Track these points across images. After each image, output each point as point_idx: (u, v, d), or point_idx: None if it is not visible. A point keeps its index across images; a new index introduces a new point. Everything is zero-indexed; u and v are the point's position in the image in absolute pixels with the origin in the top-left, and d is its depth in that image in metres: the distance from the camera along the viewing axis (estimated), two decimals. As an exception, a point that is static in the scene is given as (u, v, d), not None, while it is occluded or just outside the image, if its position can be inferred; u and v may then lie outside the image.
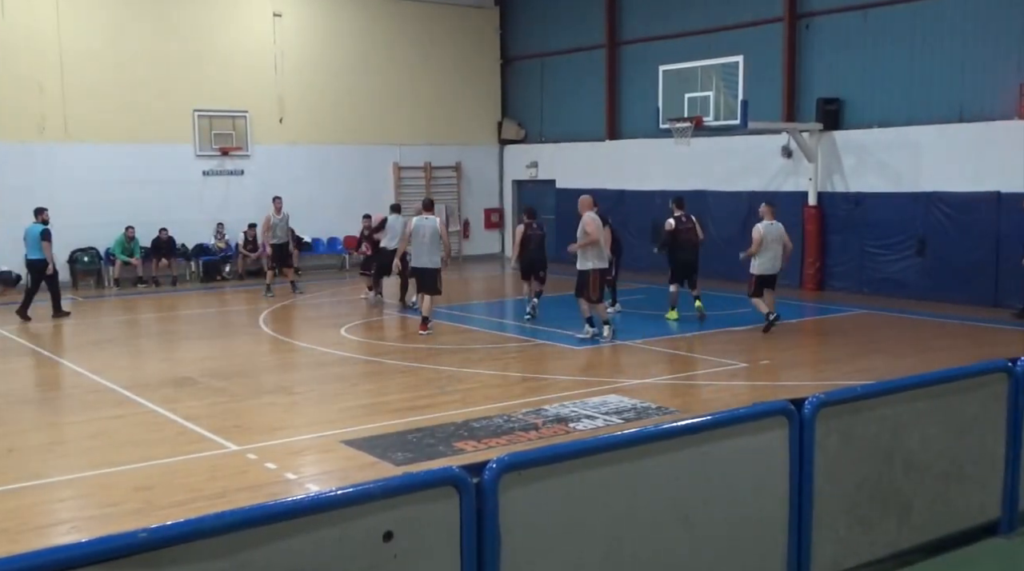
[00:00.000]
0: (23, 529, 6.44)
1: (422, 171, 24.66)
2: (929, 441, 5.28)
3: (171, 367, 12.07)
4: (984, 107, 16.15)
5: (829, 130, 18.18)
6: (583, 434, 8.37)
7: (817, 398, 4.71)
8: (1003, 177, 15.61)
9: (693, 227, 14.73)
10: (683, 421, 4.50)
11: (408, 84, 24.14)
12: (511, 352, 12.56)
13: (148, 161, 20.65)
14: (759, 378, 10.99)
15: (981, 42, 16.14)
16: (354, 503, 3.33)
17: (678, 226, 14.55)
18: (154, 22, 20.75)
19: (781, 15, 19.06)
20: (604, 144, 23.07)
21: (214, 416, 9.33)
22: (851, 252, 18.00)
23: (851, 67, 18.09)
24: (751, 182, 19.53)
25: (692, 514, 4.30)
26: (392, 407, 9.64)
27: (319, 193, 22.91)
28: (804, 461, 4.65)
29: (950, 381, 5.48)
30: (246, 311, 17.20)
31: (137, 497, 7.02)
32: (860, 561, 5.01)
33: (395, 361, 11.95)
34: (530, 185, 25.38)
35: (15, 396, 10.34)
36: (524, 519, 3.71)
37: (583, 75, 23.67)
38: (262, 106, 22.14)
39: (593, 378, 10.83)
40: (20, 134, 19.48)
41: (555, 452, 3.99)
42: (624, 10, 22.67)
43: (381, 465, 7.62)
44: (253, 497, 6.72)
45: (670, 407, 9.49)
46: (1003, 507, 5.70)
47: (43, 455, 8.29)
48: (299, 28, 22.63)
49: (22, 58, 19.35)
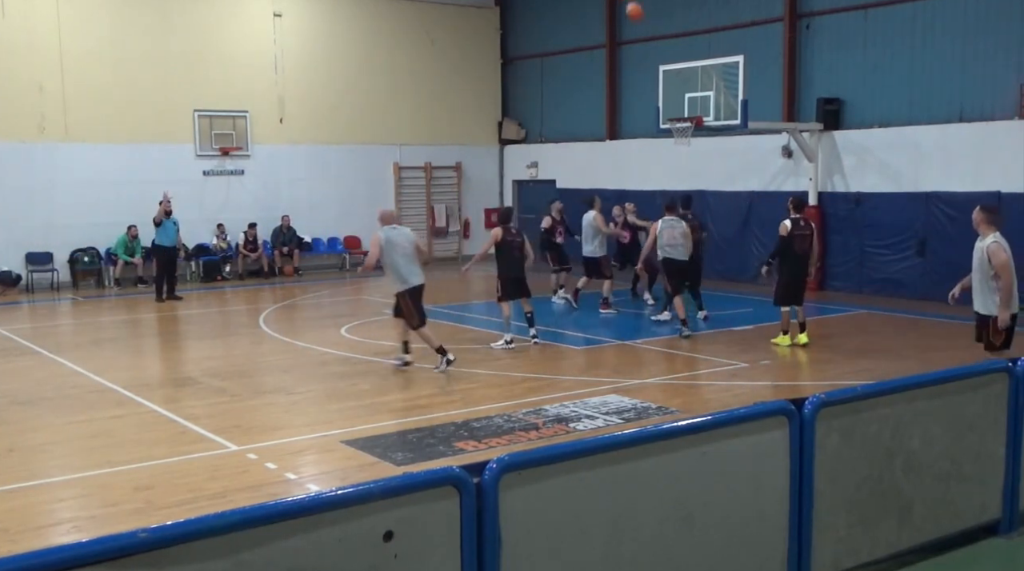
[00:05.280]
0: (23, 529, 6.44)
1: (422, 171, 24.66)
2: (929, 441, 5.28)
3: (171, 367, 12.08)
4: (984, 107, 16.14)
5: (829, 130, 18.18)
6: (583, 434, 8.37)
7: (817, 398, 4.71)
8: (1003, 177, 15.60)
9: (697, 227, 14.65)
10: (683, 421, 4.50)
11: (408, 84, 24.14)
12: (511, 352, 12.55)
13: (148, 161, 20.63)
14: (759, 378, 10.98)
15: (981, 42, 16.13)
16: (354, 503, 3.33)
17: None
18: (154, 22, 20.75)
19: (781, 15, 19.05)
20: (604, 144, 23.07)
21: (214, 416, 9.33)
22: (851, 252, 17.99)
23: (851, 67, 18.09)
24: (751, 182, 19.53)
25: (692, 514, 4.30)
26: (392, 407, 9.64)
27: (319, 193, 22.93)
28: (804, 461, 4.65)
29: (950, 381, 5.48)
30: (246, 311, 17.20)
31: (137, 497, 7.02)
32: (860, 561, 5.02)
33: (395, 361, 11.93)
34: (530, 185, 25.39)
35: (15, 396, 10.34)
36: (524, 519, 3.71)
37: (583, 75, 23.67)
38: (262, 106, 22.14)
39: (593, 378, 10.82)
40: (20, 134, 19.48)
41: (555, 452, 3.99)
42: (624, 10, 22.64)
43: (381, 465, 7.62)
44: (253, 497, 6.73)
45: (670, 407, 9.49)
46: (1003, 507, 5.71)
47: (43, 455, 8.29)
48: (299, 28, 22.63)
49: (22, 58, 19.35)
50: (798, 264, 12.43)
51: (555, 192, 23.20)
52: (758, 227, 18.94)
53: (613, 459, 4.03)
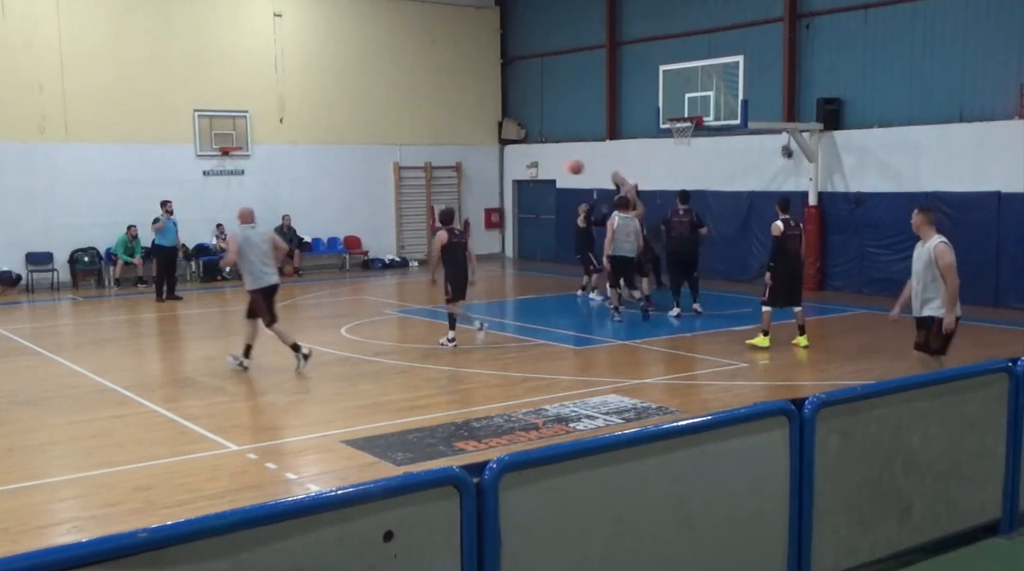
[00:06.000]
0: (23, 529, 6.44)
1: (422, 171, 24.66)
2: (929, 441, 5.27)
3: (171, 367, 12.07)
4: (984, 107, 16.14)
5: (829, 130, 18.17)
6: (583, 434, 8.37)
7: (817, 398, 4.71)
8: (1003, 177, 15.60)
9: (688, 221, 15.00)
10: (683, 421, 4.50)
11: (408, 84, 24.13)
12: (511, 352, 12.55)
13: (148, 161, 20.64)
14: (759, 378, 10.99)
15: (981, 42, 16.13)
16: (354, 503, 3.33)
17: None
18: (154, 22, 20.74)
19: (781, 15, 19.05)
20: (604, 144, 23.06)
21: (214, 416, 9.33)
22: (851, 252, 17.99)
23: (851, 67, 18.08)
24: (751, 182, 19.53)
25: (692, 514, 4.30)
26: (392, 407, 9.64)
27: (319, 193, 22.93)
28: (804, 461, 4.65)
29: (950, 381, 5.48)
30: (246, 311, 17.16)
31: (137, 497, 7.02)
32: (860, 561, 5.01)
33: (395, 361, 11.95)
34: (530, 185, 25.38)
35: (15, 396, 10.33)
36: (524, 519, 3.71)
37: (583, 75, 23.67)
38: (262, 106, 22.14)
39: (593, 378, 10.82)
40: (20, 134, 19.48)
41: (555, 452, 3.99)
42: (624, 10, 22.66)
43: (381, 465, 7.62)
44: (253, 497, 6.73)
45: (670, 407, 9.49)
46: (1003, 507, 5.70)
47: (43, 455, 8.29)
48: (299, 28, 22.63)
49: (22, 58, 19.35)
50: (793, 264, 12.39)
51: (555, 192, 23.26)
52: (758, 227, 18.92)
53: (613, 459, 4.03)
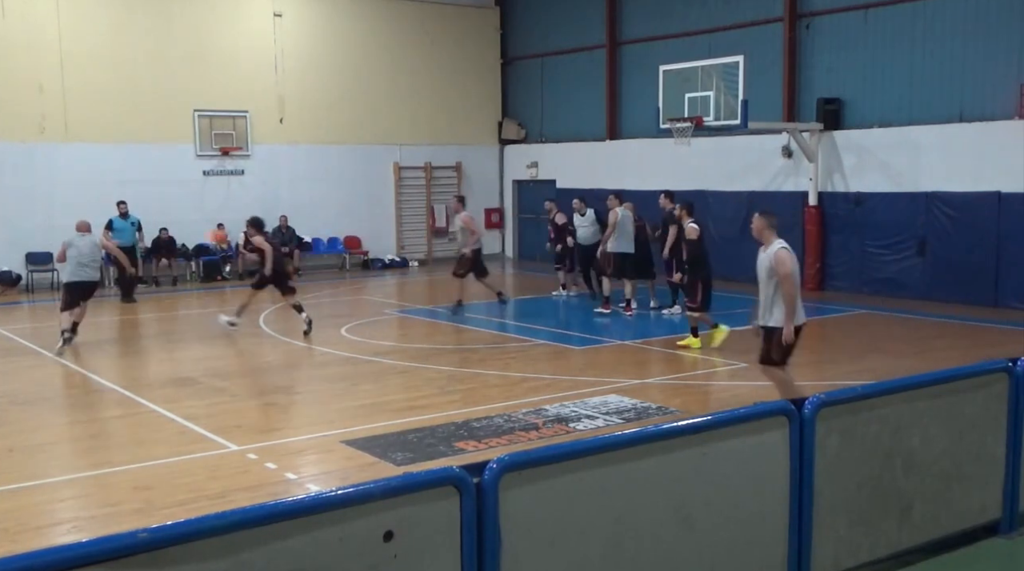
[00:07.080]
0: (23, 529, 6.44)
1: (422, 171, 24.66)
2: (929, 441, 5.28)
3: (171, 367, 12.07)
4: (984, 107, 16.14)
5: (829, 130, 18.18)
6: (583, 434, 8.37)
7: (817, 398, 4.72)
8: (1003, 177, 15.60)
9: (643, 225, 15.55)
10: (683, 421, 4.50)
11: (408, 84, 24.13)
12: (511, 352, 12.55)
13: (148, 161, 20.64)
14: (759, 378, 10.96)
15: (981, 42, 16.13)
16: (354, 503, 3.33)
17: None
18: (154, 22, 20.74)
19: (781, 15, 19.05)
20: (604, 144, 23.08)
21: (214, 416, 9.32)
22: (851, 252, 17.99)
23: (851, 67, 18.09)
24: (751, 182, 19.53)
25: (692, 514, 4.30)
26: (392, 407, 9.64)
27: (319, 193, 22.92)
28: (804, 461, 4.65)
29: (950, 381, 5.48)
30: (246, 311, 17.15)
31: (137, 497, 7.02)
32: (860, 561, 5.01)
33: (395, 361, 11.95)
34: (530, 185, 25.39)
35: (15, 396, 10.34)
36: (524, 519, 3.71)
37: (583, 75, 23.67)
38: (262, 106, 22.14)
39: (593, 378, 10.82)
40: (20, 134, 19.48)
41: (555, 452, 3.99)
42: (624, 10, 22.67)
43: (381, 465, 7.62)
44: (253, 497, 6.73)
45: (670, 407, 9.49)
46: (1003, 507, 5.71)
47: (43, 455, 8.29)
48: (299, 28, 22.63)
49: (22, 58, 19.35)
50: (708, 265, 12.77)
51: (555, 192, 23.25)
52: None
53: (613, 459, 4.03)
